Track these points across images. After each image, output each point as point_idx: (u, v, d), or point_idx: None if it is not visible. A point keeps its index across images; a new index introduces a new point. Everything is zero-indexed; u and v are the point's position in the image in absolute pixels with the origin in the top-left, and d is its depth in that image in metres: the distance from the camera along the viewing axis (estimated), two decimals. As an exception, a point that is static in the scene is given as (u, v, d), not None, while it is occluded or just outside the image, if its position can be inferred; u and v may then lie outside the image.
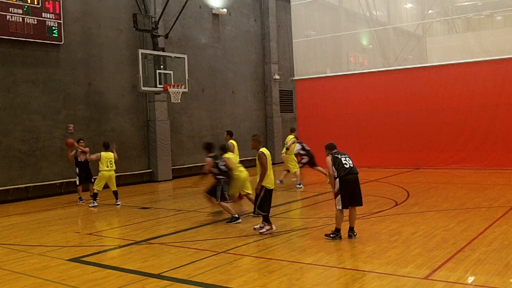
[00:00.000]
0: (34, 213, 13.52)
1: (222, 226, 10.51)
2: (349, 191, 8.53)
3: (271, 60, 26.54)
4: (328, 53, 24.14)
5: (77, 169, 14.85)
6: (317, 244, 8.47)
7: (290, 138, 16.75)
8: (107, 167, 13.73)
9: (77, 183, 14.94)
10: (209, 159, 11.19)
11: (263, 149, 9.53)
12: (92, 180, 14.69)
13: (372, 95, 21.42)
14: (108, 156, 13.81)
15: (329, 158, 8.69)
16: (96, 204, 13.87)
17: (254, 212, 9.58)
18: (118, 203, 14.03)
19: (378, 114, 21.28)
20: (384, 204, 12.20)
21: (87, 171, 14.88)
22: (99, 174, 13.83)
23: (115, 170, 13.98)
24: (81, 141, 14.87)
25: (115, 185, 14.05)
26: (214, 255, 8.00)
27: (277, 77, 26.56)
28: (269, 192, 9.41)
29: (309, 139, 23.17)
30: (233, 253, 8.05)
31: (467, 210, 10.98)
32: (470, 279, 6.31)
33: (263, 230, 9.37)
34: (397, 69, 21.43)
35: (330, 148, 8.86)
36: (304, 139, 24.30)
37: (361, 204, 8.78)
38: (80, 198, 14.86)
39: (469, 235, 8.51)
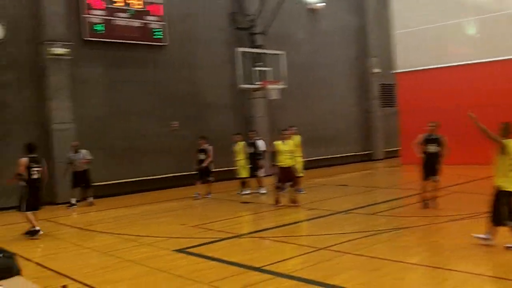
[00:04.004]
0: (143, 205, 14.26)
1: (323, 222, 10.45)
2: None
3: (370, 53, 25.95)
4: (431, 44, 23.13)
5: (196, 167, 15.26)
6: (422, 244, 8.18)
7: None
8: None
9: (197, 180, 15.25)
10: (25, 159, 10.13)
11: (508, 141, 7.64)
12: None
13: (480, 87, 20.23)
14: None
15: None
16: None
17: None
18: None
19: (487, 108, 20.05)
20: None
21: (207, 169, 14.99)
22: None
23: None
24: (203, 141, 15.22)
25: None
26: (314, 251, 7.97)
27: (376, 70, 25.93)
28: (503, 195, 7.51)
29: (411, 134, 22.41)
30: (334, 250, 7.95)
31: None
32: None
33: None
34: (508, 59, 20.11)
35: None
36: (407, 135, 23.42)
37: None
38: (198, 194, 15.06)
39: None
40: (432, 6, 22.90)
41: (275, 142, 12.59)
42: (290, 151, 12.55)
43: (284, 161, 12.41)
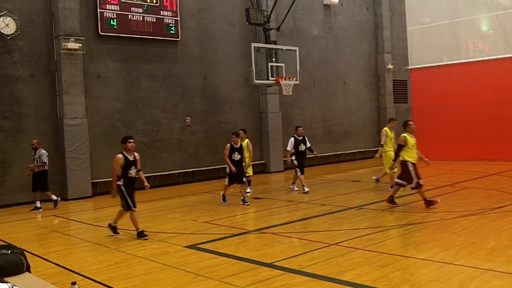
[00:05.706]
0: (155, 201, 14.33)
1: (334, 218, 10.46)
2: None
3: (384, 49, 25.85)
4: (445, 41, 22.99)
5: (227, 169, 12.85)
6: (433, 239, 8.17)
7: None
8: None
9: (227, 183, 13.03)
10: (120, 155, 9.57)
11: None
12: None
13: (494, 83, 20.08)
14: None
15: None
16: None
17: None
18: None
19: (500, 104, 19.93)
20: (506, 199, 11.45)
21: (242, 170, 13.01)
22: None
23: None
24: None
25: None
26: (325, 247, 7.99)
27: (390, 66, 25.84)
28: None
29: (424, 130, 22.32)
30: (345, 246, 7.99)
31: None
32: None
33: None
34: (522, 56, 19.92)
35: None
36: (419, 131, 23.34)
37: None
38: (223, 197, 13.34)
39: None
40: (445, 2, 22.76)
41: (405, 135, 11.18)
42: (415, 145, 11.26)
43: (415, 156, 11.15)
